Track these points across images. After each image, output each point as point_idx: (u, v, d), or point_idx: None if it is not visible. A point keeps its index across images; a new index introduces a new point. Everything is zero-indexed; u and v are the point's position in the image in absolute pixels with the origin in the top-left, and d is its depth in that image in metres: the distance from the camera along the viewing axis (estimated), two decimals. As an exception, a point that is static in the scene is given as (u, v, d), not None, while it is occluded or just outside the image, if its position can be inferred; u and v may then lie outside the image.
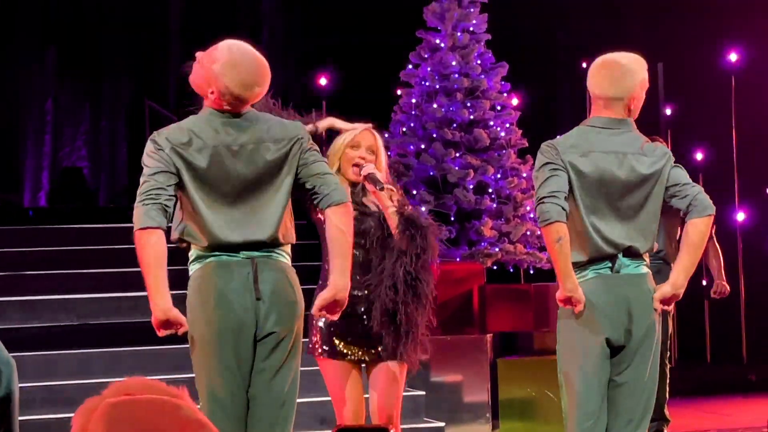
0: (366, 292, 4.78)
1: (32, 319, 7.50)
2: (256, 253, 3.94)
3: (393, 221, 4.72)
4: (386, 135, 9.14)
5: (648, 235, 4.35)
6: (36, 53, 12.82)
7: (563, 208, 4.23)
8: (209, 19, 13.53)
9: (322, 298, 4.00)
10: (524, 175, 8.91)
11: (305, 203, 4.35)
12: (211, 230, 3.91)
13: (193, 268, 4.00)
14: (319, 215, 4.41)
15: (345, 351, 4.80)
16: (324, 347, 4.83)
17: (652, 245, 4.38)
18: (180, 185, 3.91)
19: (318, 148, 4.10)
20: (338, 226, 3.96)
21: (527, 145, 9.03)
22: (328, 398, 5.03)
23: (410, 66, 9.16)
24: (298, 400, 7.15)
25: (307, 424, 6.87)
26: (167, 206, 3.85)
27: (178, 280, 4.09)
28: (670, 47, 11.08)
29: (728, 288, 7.44)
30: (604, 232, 4.29)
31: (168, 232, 3.93)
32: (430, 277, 4.76)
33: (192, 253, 4.01)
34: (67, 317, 7.51)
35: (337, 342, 4.81)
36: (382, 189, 4.68)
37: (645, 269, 4.37)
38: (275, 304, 3.94)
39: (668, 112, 10.31)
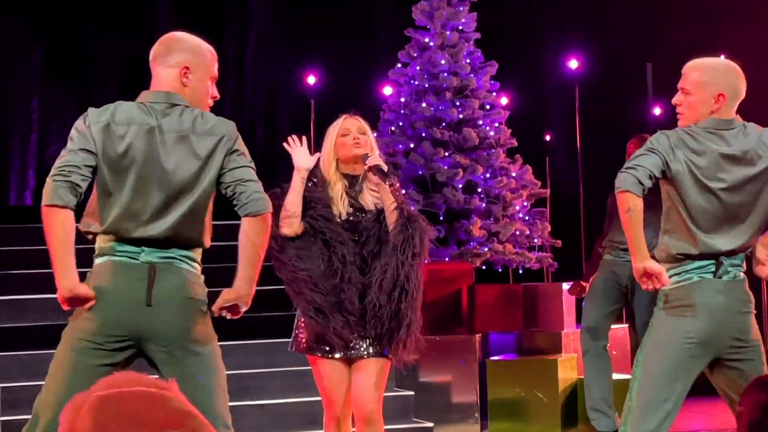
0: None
1: (19, 319, 7.45)
2: (157, 254, 3.82)
3: (393, 217, 4.72)
4: (375, 134, 9.12)
5: (752, 234, 4.32)
6: (22, 52, 12.76)
7: (639, 181, 4.18)
8: (198, 19, 13.49)
9: (223, 298, 3.87)
10: (513, 174, 8.89)
11: None
12: (115, 220, 3.83)
13: (94, 264, 3.92)
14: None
15: (332, 346, 4.80)
16: (312, 344, 4.84)
17: (749, 242, 4.35)
18: (98, 167, 3.84)
19: (246, 152, 3.93)
20: (250, 237, 3.83)
21: (516, 144, 9.02)
22: (317, 398, 5.03)
23: (399, 65, 9.14)
24: (287, 400, 7.14)
25: (296, 424, 6.84)
26: (79, 186, 3.77)
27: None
28: (659, 47, 11.08)
29: None
30: (711, 232, 4.27)
31: (78, 213, 3.86)
32: (420, 278, 4.77)
33: (96, 247, 3.92)
34: (54, 316, 7.46)
35: (327, 336, 4.81)
36: (392, 185, 4.70)
37: (742, 275, 4.35)
38: (167, 311, 3.81)
39: (657, 111, 10.32)
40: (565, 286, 8.41)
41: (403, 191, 8.74)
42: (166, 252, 3.84)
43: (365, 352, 4.80)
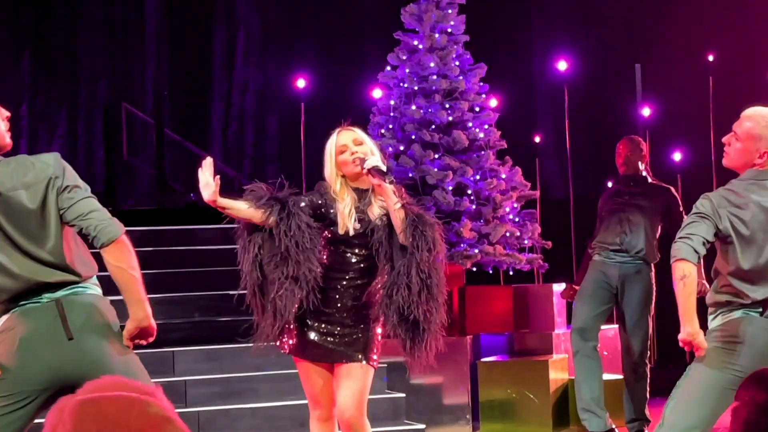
0: (347, 292, 4.79)
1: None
2: (59, 293, 3.80)
3: (399, 216, 4.66)
4: (365, 137, 9.12)
5: None
6: (10, 57, 12.75)
7: (695, 250, 4.33)
8: (186, 21, 13.49)
9: (127, 330, 3.87)
10: (503, 176, 8.90)
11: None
12: (5, 288, 3.78)
13: None
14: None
15: (317, 349, 4.80)
16: (297, 346, 4.85)
17: None
18: None
19: (77, 182, 3.85)
20: (116, 265, 3.80)
21: (506, 146, 9.03)
22: (307, 401, 5.04)
23: (388, 68, 9.15)
24: (278, 404, 7.13)
25: (287, 427, 6.85)
26: None
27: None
28: (648, 48, 11.10)
29: (708, 287, 7.46)
30: (758, 282, 4.38)
31: None
32: (442, 274, 4.75)
33: None
34: None
35: (312, 340, 4.82)
36: (392, 182, 4.65)
37: None
38: (87, 339, 3.80)
39: (646, 112, 10.34)
40: (556, 287, 8.43)
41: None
42: (65, 288, 3.83)
43: (345, 358, 4.80)
